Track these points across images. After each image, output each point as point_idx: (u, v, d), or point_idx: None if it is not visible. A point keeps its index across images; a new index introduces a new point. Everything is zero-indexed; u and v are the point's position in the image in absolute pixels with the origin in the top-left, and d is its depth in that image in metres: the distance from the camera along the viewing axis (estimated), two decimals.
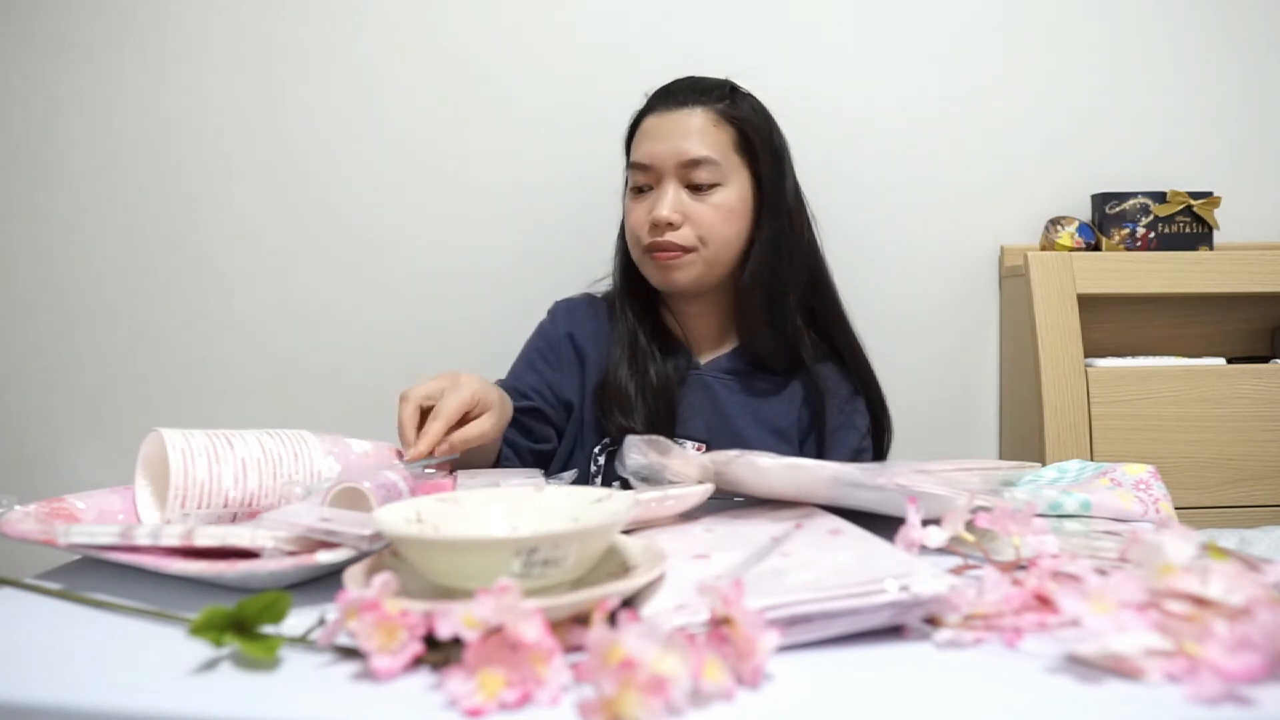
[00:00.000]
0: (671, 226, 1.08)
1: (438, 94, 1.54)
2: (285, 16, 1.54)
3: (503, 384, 1.18)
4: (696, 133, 1.11)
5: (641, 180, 1.12)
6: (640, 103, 1.18)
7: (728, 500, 0.81)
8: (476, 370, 1.22)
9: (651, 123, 1.13)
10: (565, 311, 1.22)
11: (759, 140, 1.15)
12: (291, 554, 0.58)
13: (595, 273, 1.26)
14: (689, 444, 1.10)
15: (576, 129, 1.52)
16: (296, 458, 0.74)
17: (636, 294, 1.17)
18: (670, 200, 1.09)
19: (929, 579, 0.49)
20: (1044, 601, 0.49)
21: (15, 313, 1.59)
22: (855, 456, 1.14)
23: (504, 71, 1.53)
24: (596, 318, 1.20)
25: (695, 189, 1.10)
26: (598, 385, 1.14)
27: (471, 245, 1.55)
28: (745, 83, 1.52)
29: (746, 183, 1.13)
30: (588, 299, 1.24)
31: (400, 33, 1.54)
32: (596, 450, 1.13)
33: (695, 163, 1.09)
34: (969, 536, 0.59)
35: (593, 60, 1.51)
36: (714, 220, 1.10)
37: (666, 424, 1.10)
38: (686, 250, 1.09)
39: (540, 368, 1.17)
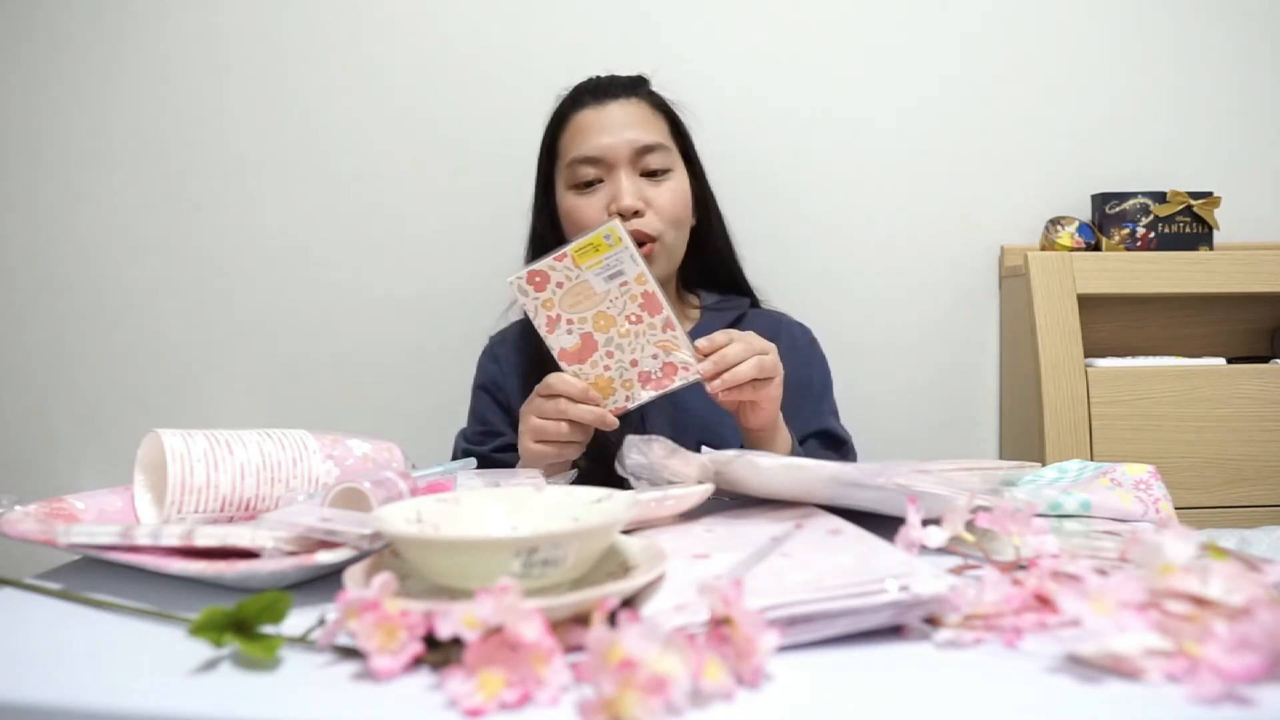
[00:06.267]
0: (638, 215, 1.06)
1: (437, 94, 1.54)
2: (283, 15, 1.54)
3: (468, 430, 1.17)
4: (642, 121, 1.11)
5: (590, 174, 1.09)
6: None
7: (728, 500, 0.81)
8: (473, 370, 1.22)
9: (588, 116, 1.11)
10: (500, 345, 1.20)
11: (685, 130, 1.17)
12: (291, 554, 0.58)
13: None
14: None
15: None
16: (295, 463, 0.74)
17: None
18: (631, 189, 1.07)
19: (929, 579, 0.49)
20: (1044, 601, 0.49)
21: (15, 313, 1.59)
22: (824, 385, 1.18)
23: (505, 70, 1.53)
24: (527, 350, 1.15)
25: (650, 176, 1.09)
26: None
27: (472, 245, 1.55)
28: (746, 83, 1.53)
29: (685, 171, 1.14)
30: (520, 327, 1.20)
31: (400, 31, 1.54)
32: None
33: (649, 148, 1.09)
34: (969, 536, 0.59)
35: (595, 58, 1.51)
36: (673, 205, 1.09)
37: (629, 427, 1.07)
38: (653, 239, 1.08)
39: (500, 400, 1.16)
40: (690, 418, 1.09)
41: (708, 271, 1.23)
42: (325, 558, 0.57)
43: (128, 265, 1.57)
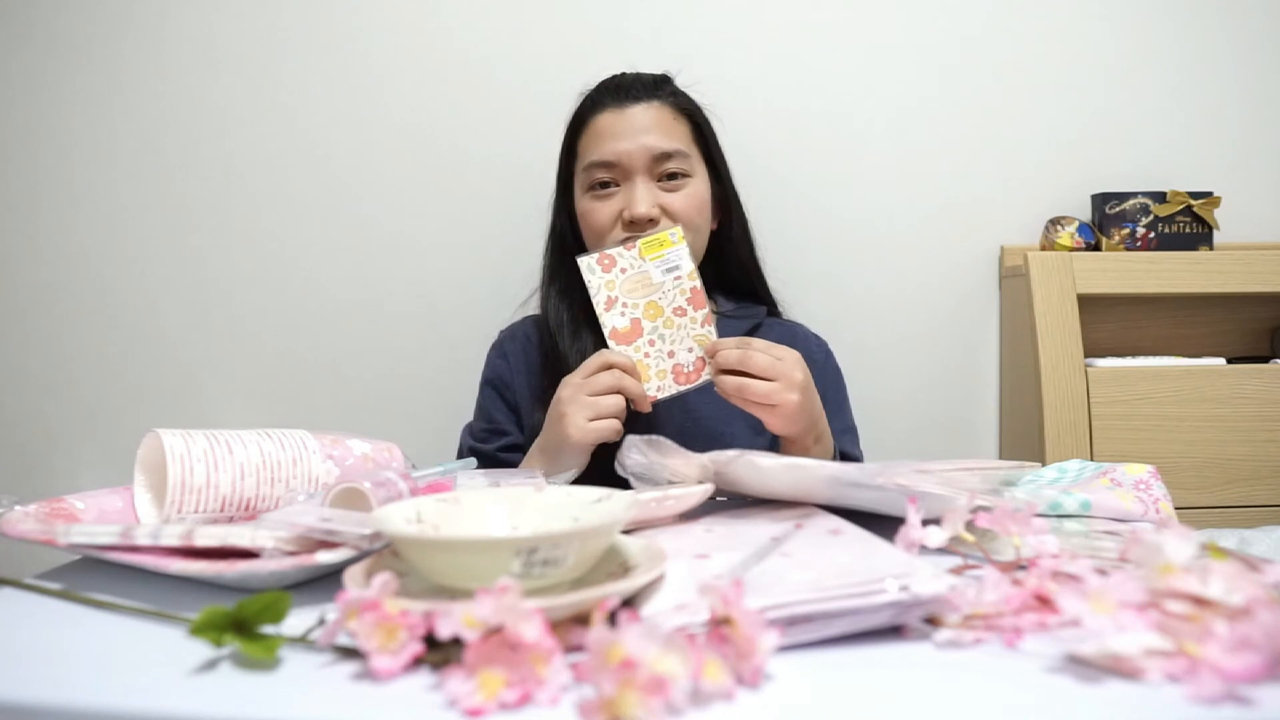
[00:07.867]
0: (652, 223, 1.05)
1: (438, 93, 1.54)
2: (283, 16, 1.54)
3: (474, 426, 1.17)
4: (660, 126, 1.09)
5: (605, 177, 1.08)
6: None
7: (728, 500, 0.81)
8: (474, 370, 1.22)
9: (607, 119, 1.10)
10: (509, 342, 1.20)
11: (709, 131, 1.16)
12: (291, 554, 0.58)
13: None
14: None
15: None
16: (295, 463, 0.74)
17: (576, 314, 1.12)
18: (646, 196, 1.06)
19: (929, 579, 0.49)
20: (1044, 601, 0.49)
21: (15, 313, 1.59)
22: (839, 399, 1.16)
23: (507, 71, 1.53)
24: (540, 346, 1.15)
25: (668, 179, 1.08)
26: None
27: (473, 245, 1.55)
28: (746, 85, 1.53)
29: (706, 175, 1.13)
30: (533, 323, 1.20)
31: (401, 30, 1.54)
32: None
33: (666, 155, 1.08)
34: (969, 536, 0.59)
35: (599, 58, 1.51)
36: (690, 211, 1.08)
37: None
38: None
39: (508, 398, 1.15)
40: (699, 426, 1.09)
41: (726, 277, 1.21)
42: (325, 558, 0.57)
43: (128, 265, 1.57)
